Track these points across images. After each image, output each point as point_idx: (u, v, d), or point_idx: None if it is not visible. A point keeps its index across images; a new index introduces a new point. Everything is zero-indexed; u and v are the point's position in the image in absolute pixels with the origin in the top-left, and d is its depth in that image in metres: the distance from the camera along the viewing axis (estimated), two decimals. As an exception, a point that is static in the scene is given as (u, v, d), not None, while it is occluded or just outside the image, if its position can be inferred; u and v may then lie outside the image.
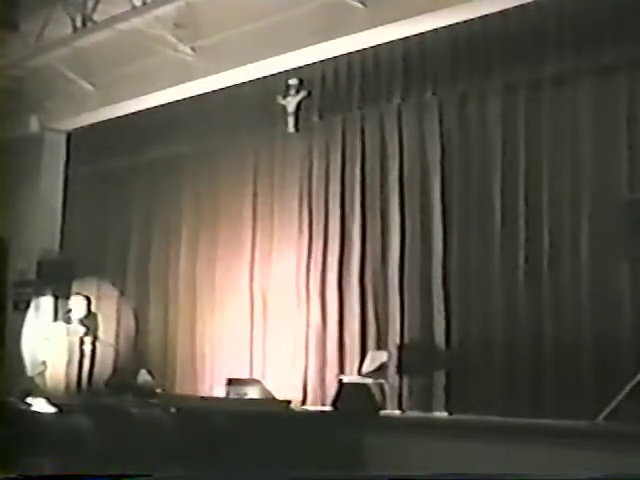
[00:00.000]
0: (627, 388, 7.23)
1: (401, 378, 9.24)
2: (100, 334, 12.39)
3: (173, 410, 8.26)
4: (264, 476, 6.51)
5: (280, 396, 9.80)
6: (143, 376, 10.68)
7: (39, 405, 9.29)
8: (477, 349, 8.93)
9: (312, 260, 10.41)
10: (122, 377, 10.96)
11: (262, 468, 6.93)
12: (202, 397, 10.47)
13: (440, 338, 9.17)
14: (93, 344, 12.23)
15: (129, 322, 12.37)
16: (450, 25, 9.34)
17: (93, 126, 13.06)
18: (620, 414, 7.12)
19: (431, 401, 9.04)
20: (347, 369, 9.75)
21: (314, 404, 9.91)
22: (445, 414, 8.87)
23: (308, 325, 10.26)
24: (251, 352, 10.76)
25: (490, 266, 8.96)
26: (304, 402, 10.00)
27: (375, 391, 8.78)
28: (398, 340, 9.45)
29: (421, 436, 7.35)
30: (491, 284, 8.92)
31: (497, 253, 8.94)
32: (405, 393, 9.24)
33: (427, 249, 9.44)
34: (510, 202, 8.91)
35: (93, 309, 12.60)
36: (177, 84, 11.55)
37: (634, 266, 7.99)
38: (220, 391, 10.00)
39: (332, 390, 9.30)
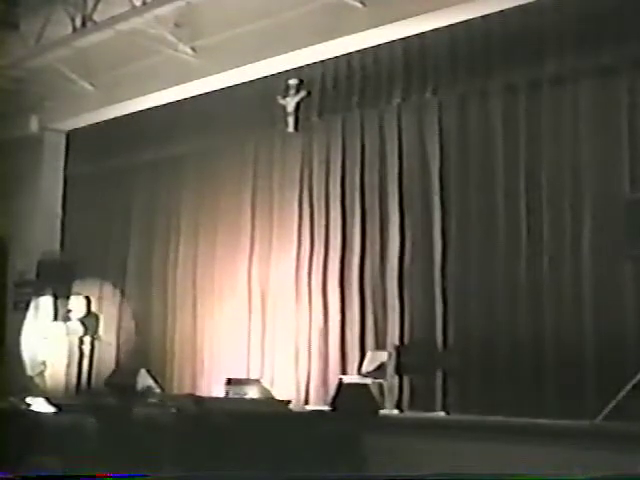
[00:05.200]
0: (627, 387, 7.22)
1: (400, 378, 9.24)
2: (100, 333, 12.40)
3: (173, 410, 8.26)
4: (264, 476, 6.51)
5: (280, 396, 9.81)
6: (143, 376, 10.67)
7: (39, 405, 9.29)
8: (477, 349, 8.94)
9: (312, 260, 10.42)
10: (122, 377, 10.95)
11: (262, 468, 6.93)
12: (201, 396, 10.46)
13: (440, 338, 9.18)
14: (92, 344, 12.24)
15: (129, 322, 12.37)
16: (450, 25, 9.35)
17: (93, 126, 13.06)
18: (620, 414, 7.11)
19: (430, 401, 9.04)
20: (348, 369, 9.76)
21: (314, 404, 9.91)
22: (444, 414, 8.88)
23: (308, 324, 10.28)
24: (249, 352, 10.77)
25: (491, 266, 8.96)
26: (305, 402, 10.01)
27: (374, 391, 8.77)
28: (398, 340, 9.47)
29: (421, 436, 7.34)
30: (492, 283, 8.93)
31: (498, 253, 8.94)
32: (404, 393, 9.25)
33: (427, 249, 9.45)
34: (511, 202, 8.92)
35: (93, 309, 12.61)
36: (177, 84, 11.56)
37: (635, 265, 8.00)
38: (220, 391, 10.01)
39: (332, 390, 9.30)
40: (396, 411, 9.09)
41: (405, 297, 9.56)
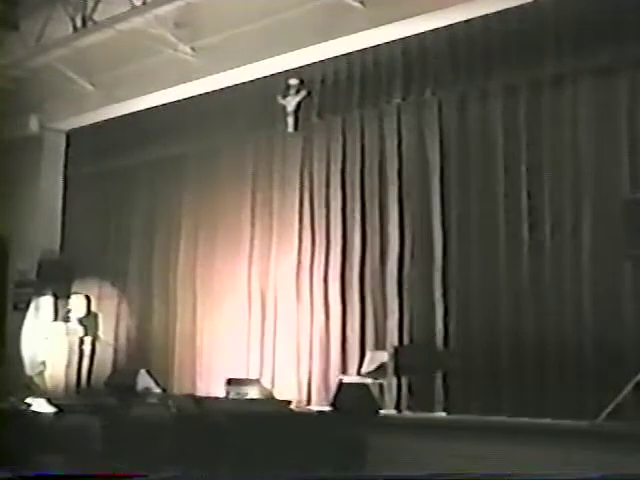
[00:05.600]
0: (628, 387, 7.23)
1: (399, 378, 9.23)
2: (100, 334, 12.41)
3: (173, 410, 8.27)
4: (264, 476, 6.51)
5: (280, 396, 9.81)
6: (142, 376, 10.68)
7: (39, 405, 9.30)
8: (477, 349, 8.94)
9: (312, 260, 10.42)
10: (122, 377, 10.96)
11: (262, 468, 6.93)
12: (201, 397, 10.47)
13: (440, 338, 9.18)
14: (92, 343, 12.25)
15: (129, 322, 12.37)
16: (450, 25, 9.35)
17: (93, 126, 13.07)
18: (620, 414, 7.11)
19: (430, 401, 9.04)
20: (348, 369, 9.76)
21: (315, 404, 9.91)
22: (444, 414, 8.88)
23: (308, 324, 10.27)
24: (249, 352, 10.77)
25: (491, 265, 8.96)
26: (307, 402, 10.01)
27: (374, 391, 8.77)
28: (397, 340, 9.47)
29: (421, 436, 7.34)
30: (492, 283, 8.92)
31: (498, 253, 8.94)
32: (404, 393, 9.25)
33: (427, 249, 9.44)
34: (511, 202, 8.91)
35: (93, 309, 12.62)
36: (177, 84, 11.56)
37: (635, 265, 7.99)
38: (220, 391, 10.00)
39: (333, 390, 9.30)
40: (395, 411, 9.09)
41: (405, 297, 9.56)
